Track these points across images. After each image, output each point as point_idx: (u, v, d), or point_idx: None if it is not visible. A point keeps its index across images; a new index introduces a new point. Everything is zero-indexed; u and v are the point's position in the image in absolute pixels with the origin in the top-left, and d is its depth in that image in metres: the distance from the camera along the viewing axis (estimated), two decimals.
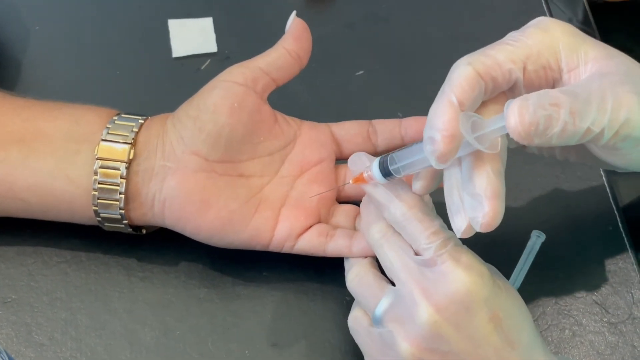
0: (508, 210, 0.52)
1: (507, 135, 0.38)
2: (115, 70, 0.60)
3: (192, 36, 0.61)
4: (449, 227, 0.42)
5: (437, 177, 0.43)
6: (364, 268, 0.46)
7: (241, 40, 0.62)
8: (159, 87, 0.59)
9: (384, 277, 0.44)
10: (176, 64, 0.60)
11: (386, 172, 0.43)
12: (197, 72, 0.60)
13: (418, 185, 0.43)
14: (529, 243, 0.52)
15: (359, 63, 0.61)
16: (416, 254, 0.42)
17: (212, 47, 0.61)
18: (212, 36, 0.62)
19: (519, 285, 0.51)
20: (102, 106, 0.49)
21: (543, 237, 0.51)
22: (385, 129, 0.50)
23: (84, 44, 0.61)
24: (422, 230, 0.42)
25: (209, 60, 0.60)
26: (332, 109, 0.58)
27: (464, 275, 0.40)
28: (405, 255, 0.42)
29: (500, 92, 0.42)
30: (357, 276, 0.45)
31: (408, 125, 0.50)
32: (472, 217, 0.39)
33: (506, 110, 0.37)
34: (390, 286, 0.43)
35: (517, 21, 0.44)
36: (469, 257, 0.41)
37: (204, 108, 0.46)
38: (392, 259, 0.43)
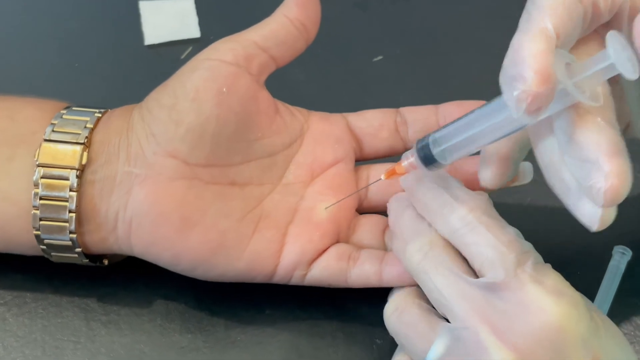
0: (577, 223, 0.46)
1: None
2: (73, 62, 0.54)
3: (168, 20, 0.56)
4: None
5: (513, 162, 0.36)
6: (407, 299, 0.39)
7: (228, 23, 0.56)
8: (128, 81, 0.53)
9: (434, 310, 0.38)
10: (150, 53, 0.55)
11: (427, 159, 0.37)
12: (177, 62, 0.53)
13: (488, 174, 0.37)
14: (612, 263, 0.45)
15: (375, 47, 0.56)
16: (476, 275, 0.36)
17: (193, 31, 0.56)
18: (194, 19, 0.56)
19: None
20: None
21: (629, 254, 0.44)
22: (418, 119, 0.44)
23: (34, 30, 0.56)
24: (490, 241, 0.35)
25: (190, 48, 0.55)
26: (347, 102, 0.51)
27: (554, 306, 0.33)
28: (461, 279, 0.36)
29: (594, 28, 0.35)
30: (397, 310, 0.39)
31: (448, 111, 0.43)
32: (588, 187, 0.31)
33: (612, 40, 0.30)
34: (445, 323, 0.36)
35: None
36: (556, 280, 0.34)
37: (182, 94, 0.39)
38: (441, 287, 0.36)
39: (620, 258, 0.44)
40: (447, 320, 0.36)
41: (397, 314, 0.38)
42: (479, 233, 0.35)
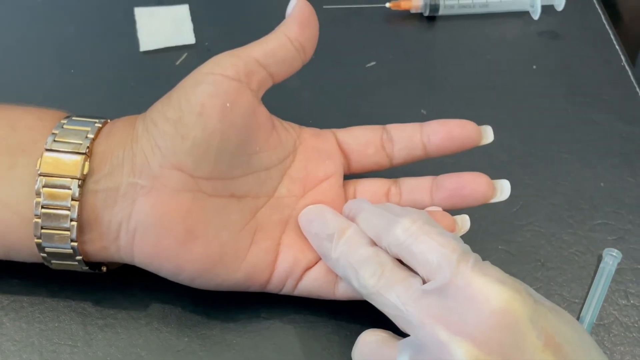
0: (568, 226, 0.45)
1: None
2: (69, 69, 0.53)
3: (164, 26, 0.56)
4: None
5: None
6: (366, 333, 0.39)
7: (223, 29, 0.56)
8: (124, 87, 0.53)
9: (395, 335, 0.38)
10: (145, 60, 0.54)
11: None
12: (172, 68, 0.54)
13: None
14: (601, 265, 0.44)
15: (368, 53, 0.56)
16: (425, 281, 0.36)
17: (189, 38, 0.55)
18: (189, 25, 0.56)
19: (592, 323, 0.43)
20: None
21: (619, 256, 0.44)
22: (403, 136, 0.43)
23: (30, 36, 0.55)
24: (435, 247, 0.36)
25: (185, 54, 0.54)
26: (339, 109, 0.52)
27: (498, 292, 0.34)
28: (412, 289, 0.36)
29: None
30: (357, 344, 0.39)
31: (431, 130, 0.43)
32: None
33: None
34: (401, 340, 0.37)
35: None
36: (497, 271, 0.35)
37: (187, 109, 0.38)
38: (396, 302, 0.36)
39: (610, 260, 0.44)
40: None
41: (357, 347, 0.38)
42: (423, 242, 0.36)
